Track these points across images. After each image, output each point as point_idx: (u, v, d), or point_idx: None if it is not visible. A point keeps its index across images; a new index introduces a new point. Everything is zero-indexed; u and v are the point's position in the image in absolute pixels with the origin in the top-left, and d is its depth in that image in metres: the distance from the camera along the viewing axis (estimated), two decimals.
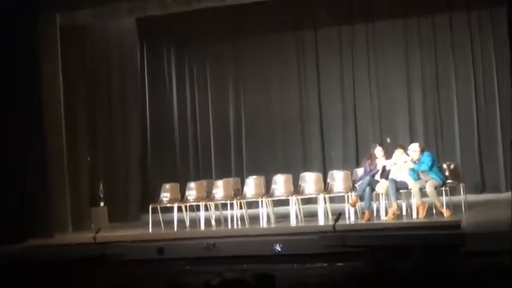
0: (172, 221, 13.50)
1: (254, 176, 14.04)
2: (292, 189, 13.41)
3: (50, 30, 14.41)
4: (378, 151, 12.75)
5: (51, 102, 14.18)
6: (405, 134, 16.15)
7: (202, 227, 13.29)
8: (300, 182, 13.51)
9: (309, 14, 16.87)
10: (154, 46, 17.94)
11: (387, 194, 12.22)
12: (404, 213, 12.62)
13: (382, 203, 12.43)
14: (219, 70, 17.58)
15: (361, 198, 12.43)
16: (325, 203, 13.04)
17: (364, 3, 16.41)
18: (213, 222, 13.63)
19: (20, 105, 13.70)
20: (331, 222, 11.66)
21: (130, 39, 17.27)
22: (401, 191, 12.40)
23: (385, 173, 12.49)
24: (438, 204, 12.02)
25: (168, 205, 13.91)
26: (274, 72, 17.25)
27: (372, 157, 12.78)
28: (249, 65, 17.41)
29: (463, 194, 12.92)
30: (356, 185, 12.74)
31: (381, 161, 12.62)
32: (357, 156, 16.16)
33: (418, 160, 12.27)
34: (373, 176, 12.53)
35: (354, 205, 12.54)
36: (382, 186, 12.26)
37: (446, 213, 11.90)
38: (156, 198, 14.29)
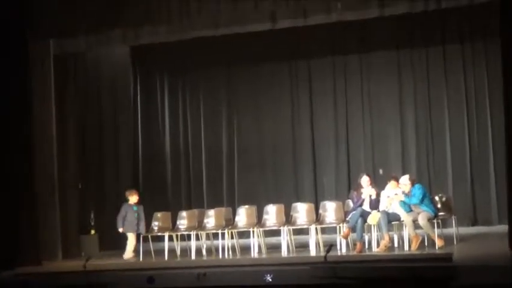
0: (163, 250, 13.44)
1: (246, 206, 13.99)
2: (284, 220, 13.38)
3: (43, 57, 14.41)
4: (364, 181, 12.71)
5: (42, 129, 14.14)
6: (397, 164, 16.18)
7: (193, 256, 13.24)
8: (291, 212, 13.48)
9: (303, 44, 16.93)
10: (147, 74, 17.98)
11: (379, 226, 12.19)
12: (396, 245, 12.60)
13: (374, 234, 12.40)
14: (212, 98, 17.61)
15: (353, 229, 12.38)
16: (316, 233, 13.01)
17: (358, 34, 16.48)
18: (204, 252, 13.57)
19: (11, 131, 13.63)
20: (322, 253, 11.60)
21: (123, 66, 17.28)
22: (393, 222, 12.38)
23: (372, 202, 12.46)
24: (432, 235, 11.99)
25: (159, 234, 13.87)
26: (267, 101, 17.30)
27: (359, 187, 12.76)
28: (242, 94, 17.46)
29: (455, 226, 12.93)
30: (348, 217, 12.70)
31: (366, 190, 12.59)
32: (348, 185, 16.16)
33: (409, 193, 12.25)
34: (360, 205, 12.51)
35: (346, 237, 12.50)
36: (373, 218, 12.23)
37: (439, 242, 11.87)
38: (147, 226, 14.22)
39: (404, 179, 12.48)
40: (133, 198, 13.87)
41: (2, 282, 11.81)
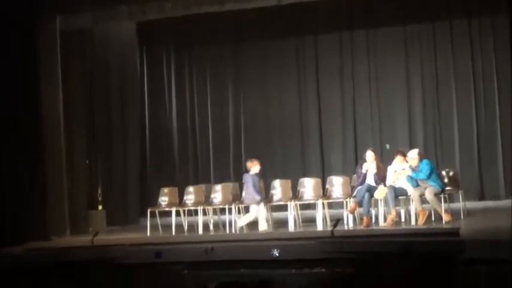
0: (171, 225, 13.48)
1: None
2: (291, 195, 13.39)
3: (50, 34, 14.38)
4: (369, 155, 12.69)
5: (50, 106, 14.14)
6: (405, 140, 16.15)
7: (201, 231, 13.27)
8: (298, 188, 13.49)
9: (310, 20, 16.87)
10: (153, 50, 17.95)
11: (386, 201, 12.20)
12: (403, 219, 12.61)
13: (381, 209, 12.41)
14: (219, 74, 17.58)
15: (359, 204, 12.40)
16: (323, 208, 13.02)
17: (365, 9, 16.43)
18: (211, 227, 13.60)
19: (19, 108, 13.66)
20: (329, 228, 11.62)
21: (130, 43, 17.23)
22: (400, 197, 12.39)
23: (376, 177, 12.44)
24: (439, 210, 12.00)
25: (167, 209, 13.88)
26: (273, 77, 17.27)
27: (363, 162, 12.76)
28: (249, 70, 17.42)
29: (462, 201, 12.91)
30: (354, 192, 12.70)
31: (365, 164, 12.59)
32: (355, 161, 16.14)
33: (416, 167, 12.24)
34: (363, 180, 12.51)
35: (352, 212, 12.52)
36: (380, 192, 12.24)
37: (446, 217, 11.88)
38: (154, 202, 14.27)
39: (413, 153, 12.45)
40: (255, 169, 13.49)
41: (11, 257, 11.89)
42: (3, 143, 13.57)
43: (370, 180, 12.51)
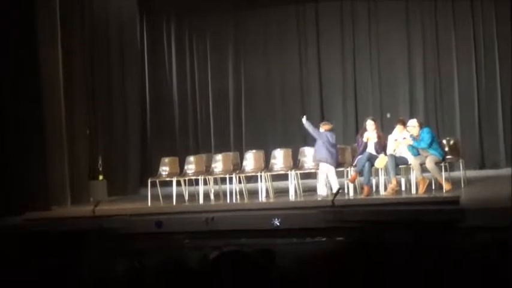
0: (171, 195, 13.49)
1: (253, 150, 14.01)
2: (292, 164, 13.39)
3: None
4: (369, 124, 12.66)
5: (49, 74, 14.05)
6: (405, 108, 16.14)
7: (201, 201, 13.28)
8: (299, 157, 13.49)
9: None
10: (154, 18, 17.86)
11: (386, 170, 12.20)
12: (403, 188, 12.62)
13: (381, 178, 12.41)
14: (219, 42, 17.51)
15: (360, 173, 12.40)
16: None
17: None
18: (212, 197, 13.62)
19: (18, 76, 13.58)
20: (330, 197, 11.64)
21: (130, 10, 17.15)
22: (400, 166, 12.38)
23: (376, 146, 12.41)
24: (439, 178, 12.01)
25: (167, 179, 13.89)
26: (274, 46, 17.21)
27: (364, 132, 12.73)
28: (249, 38, 17.36)
29: (463, 169, 12.92)
30: (355, 161, 12.70)
31: (366, 134, 12.56)
32: (356, 130, 16.13)
33: (417, 136, 12.23)
34: (364, 150, 12.49)
35: (353, 181, 12.52)
36: (381, 161, 12.23)
37: (446, 186, 11.89)
38: (155, 172, 14.27)
39: (413, 121, 12.45)
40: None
41: (12, 227, 11.90)
42: (1, 112, 13.50)
43: (371, 149, 12.49)
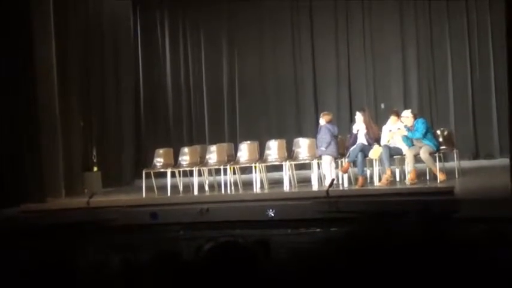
0: (166, 186, 13.49)
1: (248, 142, 14.02)
2: (286, 155, 13.39)
3: None
4: (357, 117, 12.72)
5: (43, 66, 14.03)
6: (399, 99, 16.16)
7: (196, 192, 13.28)
8: (293, 148, 13.49)
9: None
10: (147, 10, 17.81)
11: (381, 160, 12.22)
12: (397, 179, 12.64)
13: (376, 169, 12.43)
14: (213, 34, 17.48)
15: (353, 164, 12.41)
16: (319, 168, 13.02)
17: None
18: (207, 188, 13.63)
19: (12, 68, 13.54)
20: (324, 188, 11.66)
21: (124, 2, 17.10)
22: (395, 157, 12.40)
23: (367, 137, 12.40)
24: (433, 169, 12.03)
25: (162, 170, 13.88)
26: (268, 38, 17.20)
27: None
28: (243, 29, 17.34)
29: (457, 160, 12.94)
30: (347, 152, 12.70)
31: (355, 125, 12.60)
32: (350, 121, 16.13)
33: (412, 127, 12.24)
34: (354, 141, 12.51)
35: (345, 171, 12.52)
36: (375, 152, 12.25)
37: (441, 176, 11.91)
38: (149, 163, 14.27)
39: (407, 112, 12.47)
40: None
41: (6, 219, 11.89)
42: None
43: (362, 139, 12.48)
